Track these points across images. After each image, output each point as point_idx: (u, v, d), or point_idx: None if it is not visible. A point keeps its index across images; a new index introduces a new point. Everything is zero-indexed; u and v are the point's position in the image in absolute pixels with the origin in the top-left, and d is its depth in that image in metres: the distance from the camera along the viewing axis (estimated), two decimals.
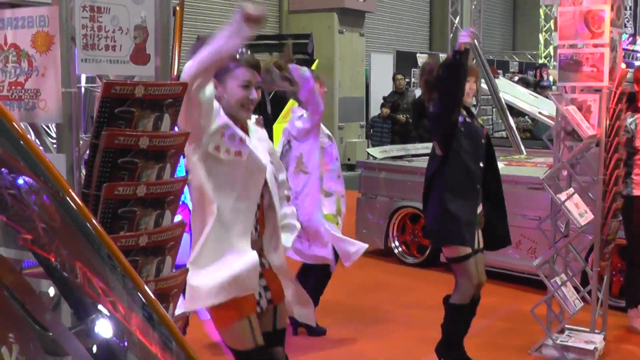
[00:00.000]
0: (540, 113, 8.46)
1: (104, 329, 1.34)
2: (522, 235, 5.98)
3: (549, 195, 4.63)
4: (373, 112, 14.48)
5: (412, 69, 14.82)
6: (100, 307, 1.32)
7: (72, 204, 1.31)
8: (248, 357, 2.85)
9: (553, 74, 14.28)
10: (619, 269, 5.61)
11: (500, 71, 15.69)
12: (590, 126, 4.54)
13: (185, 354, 1.33)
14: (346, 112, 14.75)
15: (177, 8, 3.85)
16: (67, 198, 1.31)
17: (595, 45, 4.54)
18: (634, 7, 21.98)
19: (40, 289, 2.13)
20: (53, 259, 1.34)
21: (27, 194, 1.31)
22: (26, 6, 2.53)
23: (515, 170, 6.58)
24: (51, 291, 2.18)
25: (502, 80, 10.42)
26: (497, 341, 4.98)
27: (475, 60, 8.47)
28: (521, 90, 9.99)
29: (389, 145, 10.25)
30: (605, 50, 4.50)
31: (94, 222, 1.33)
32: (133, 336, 1.34)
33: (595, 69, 4.52)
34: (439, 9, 20.04)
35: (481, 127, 4.26)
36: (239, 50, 2.78)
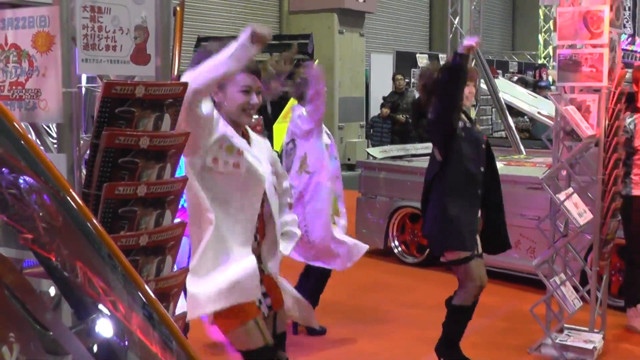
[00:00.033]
0: (539, 113, 8.46)
1: (104, 328, 1.34)
2: (522, 235, 5.99)
3: (548, 195, 4.64)
4: (373, 112, 14.49)
5: (412, 69, 14.83)
6: (100, 307, 1.32)
7: (72, 203, 1.31)
8: (260, 355, 2.84)
9: (552, 74, 14.28)
10: (617, 269, 5.61)
11: (500, 71, 15.70)
12: (589, 126, 4.55)
13: (185, 353, 1.33)
14: (346, 112, 14.76)
15: (178, 8, 3.85)
16: (67, 198, 1.31)
17: (594, 46, 4.55)
18: (632, 8, 21.98)
19: (40, 288, 2.13)
20: (54, 259, 1.34)
21: (28, 194, 1.31)
22: (27, 6, 2.52)
23: (515, 170, 6.59)
24: (52, 291, 2.18)
25: (502, 81, 10.43)
26: (496, 340, 4.99)
27: (474, 61, 8.47)
28: (520, 90, 9.99)
29: (388, 145, 10.26)
30: (605, 51, 4.50)
31: (94, 221, 1.33)
32: (133, 336, 1.34)
33: (594, 69, 4.52)
34: (439, 9, 20.06)
35: (481, 133, 4.27)
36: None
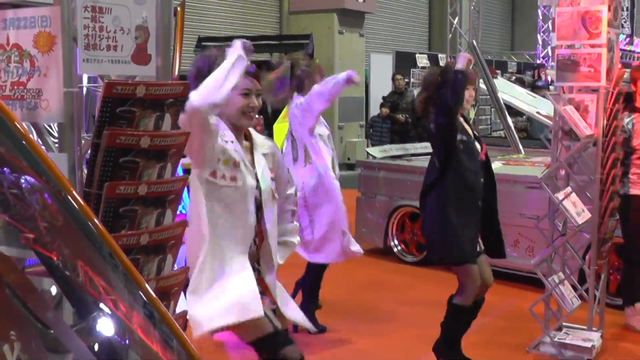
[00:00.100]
0: (538, 113, 8.47)
1: (105, 327, 1.34)
2: (520, 234, 6.00)
3: (546, 195, 4.65)
4: (372, 112, 14.48)
5: (411, 69, 14.82)
6: (101, 306, 1.33)
7: (73, 203, 1.32)
8: (272, 340, 2.83)
9: (551, 74, 14.29)
10: (616, 268, 5.62)
11: (499, 71, 15.68)
12: (587, 126, 4.56)
13: (186, 352, 1.34)
14: (346, 112, 14.75)
15: (178, 8, 3.87)
16: (68, 197, 1.32)
17: (593, 46, 4.56)
18: (630, 8, 21.99)
19: (42, 287, 2.13)
20: (55, 258, 1.34)
21: (30, 193, 1.32)
22: (28, 6, 2.54)
23: (513, 170, 6.59)
24: (53, 289, 2.19)
25: (501, 81, 10.43)
26: (495, 339, 5.00)
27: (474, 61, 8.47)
28: (519, 90, 9.99)
29: (388, 144, 10.26)
30: (603, 51, 4.52)
31: (95, 221, 1.34)
32: (134, 334, 1.34)
33: (592, 69, 4.54)
34: (438, 9, 20.06)
35: (480, 143, 4.24)
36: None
